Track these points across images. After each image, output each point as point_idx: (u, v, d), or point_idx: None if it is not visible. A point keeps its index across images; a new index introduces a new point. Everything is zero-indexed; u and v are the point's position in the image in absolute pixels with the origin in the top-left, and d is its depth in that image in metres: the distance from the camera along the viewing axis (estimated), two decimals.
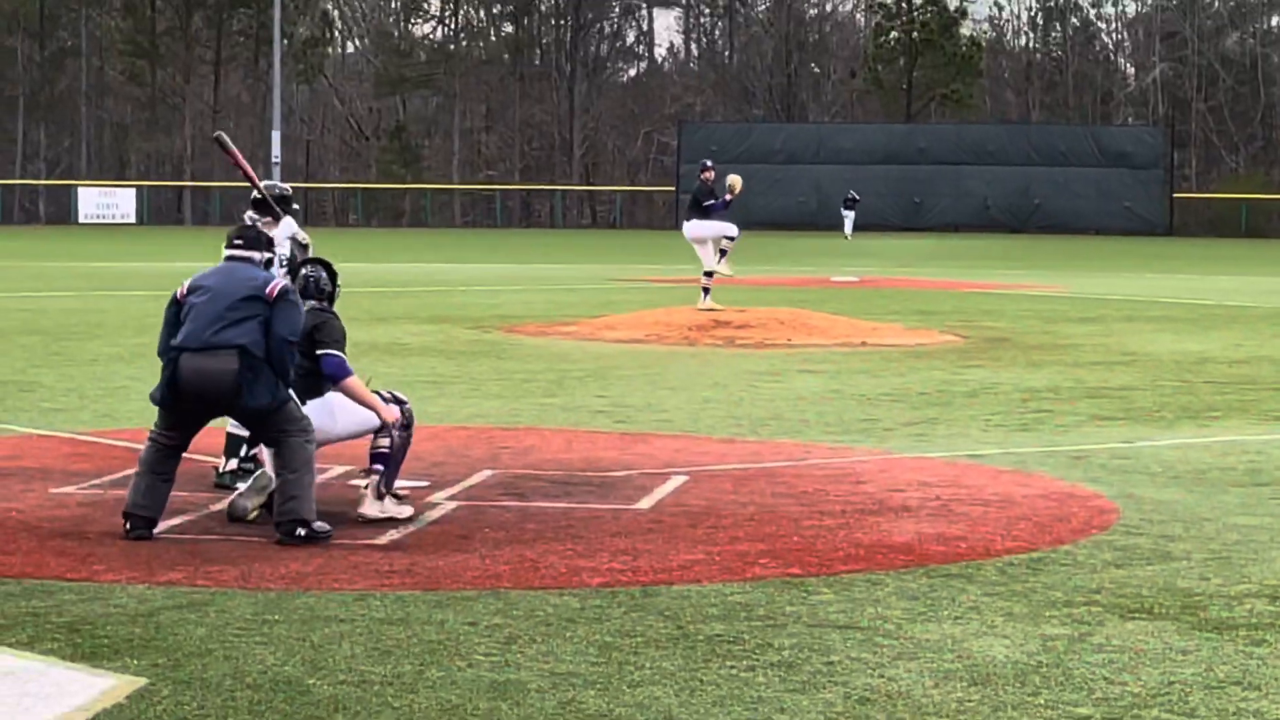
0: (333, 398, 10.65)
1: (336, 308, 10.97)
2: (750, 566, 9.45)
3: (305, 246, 12.11)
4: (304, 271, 10.94)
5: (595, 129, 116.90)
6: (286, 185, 12.76)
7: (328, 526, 10.06)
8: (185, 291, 10.19)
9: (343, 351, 10.63)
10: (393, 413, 10.72)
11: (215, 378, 9.90)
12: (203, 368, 9.90)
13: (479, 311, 29.69)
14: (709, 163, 28.39)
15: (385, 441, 10.73)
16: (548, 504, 11.30)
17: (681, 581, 9.06)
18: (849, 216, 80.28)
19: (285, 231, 12.27)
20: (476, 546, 9.88)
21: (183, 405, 10.06)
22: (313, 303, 10.74)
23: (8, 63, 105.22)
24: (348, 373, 10.56)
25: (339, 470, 12.28)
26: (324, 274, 10.91)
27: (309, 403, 10.46)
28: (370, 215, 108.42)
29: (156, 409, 10.24)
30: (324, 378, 10.58)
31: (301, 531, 9.88)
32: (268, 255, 10.52)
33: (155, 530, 10.07)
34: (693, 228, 27.34)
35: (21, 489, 11.61)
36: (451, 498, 11.46)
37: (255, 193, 12.29)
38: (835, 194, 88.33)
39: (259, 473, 10.63)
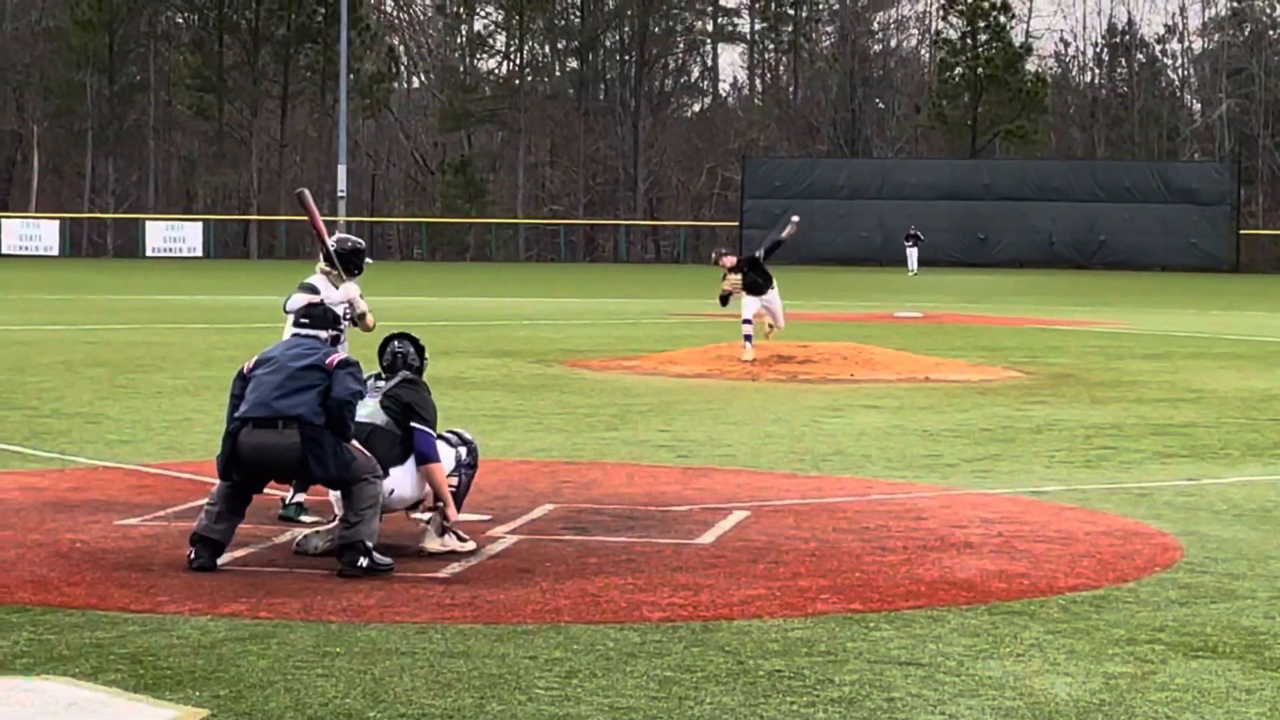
0: (411, 466, 10.72)
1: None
2: (811, 602, 9.43)
3: (357, 315, 12.18)
4: (392, 346, 11.08)
5: (659, 164, 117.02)
6: (360, 240, 12.78)
7: (389, 559, 10.10)
8: (251, 366, 10.41)
9: (435, 429, 10.76)
10: (455, 514, 10.78)
11: (278, 452, 10.09)
12: (264, 443, 10.08)
13: (542, 346, 29.74)
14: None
15: (452, 479, 10.79)
16: (609, 538, 11.30)
17: (742, 617, 9.04)
18: (913, 253, 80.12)
19: (351, 292, 12.32)
20: (537, 580, 9.88)
21: (245, 477, 10.20)
22: (405, 373, 10.91)
23: (77, 98, 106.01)
24: (436, 458, 10.69)
25: None
26: (411, 349, 11.07)
27: (393, 472, 10.57)
28: (435, 249, 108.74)
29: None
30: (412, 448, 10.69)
31: (363, 562, 9.92)
32: (334, 333, 10.72)
33: (219, 561, 10.12)
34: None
35: (86, 520, 11.68)
36: (513, 531, 11.48)
37: (327, 247, 12.30)
38: (899, 229, 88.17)
39: (335, 524, 10.64)
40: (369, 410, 10.67)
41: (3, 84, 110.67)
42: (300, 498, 11.74)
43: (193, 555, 10.08)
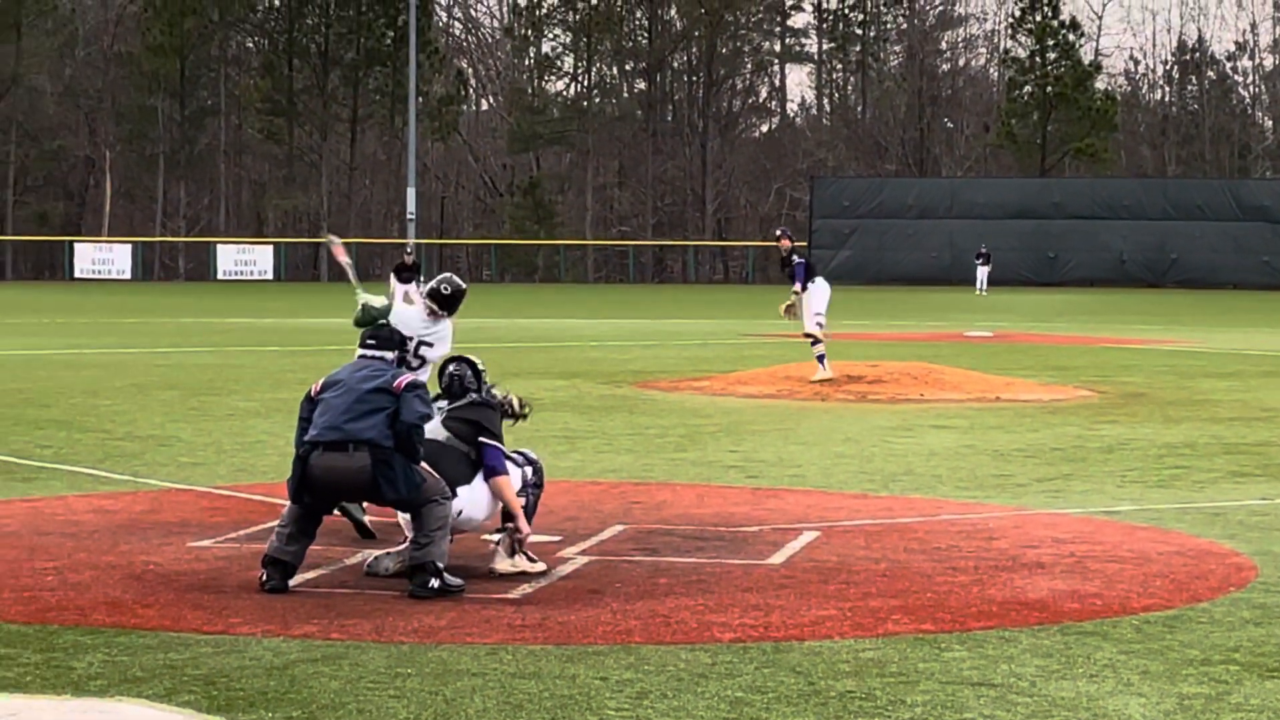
0: (479, 484, 10.75)
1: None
2: (882, 623, 9.40)
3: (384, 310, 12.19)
4: (449, 370, 11.08)
5: (727, 184, 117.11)
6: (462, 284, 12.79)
7: (460, 580, 10.13)
8: (319, 389, 10.48)
9: (502, 443, 10.81)
10: (527, 530, 10.81)
11: (349, 475, 10.14)
12: (334, 466, 10.13)
13: (611, 367, 29.76)
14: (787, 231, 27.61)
15: (520, 499, 10.84)
16: (679, 559, 11.29)
17: (813, 637, 9.02)
18: (983, 272, 79.92)
19: (445, 331, 12.44)
20: (608, 601, 9.88)
21: (315, 500, 10.29)
22: (473, 396, 10.96)
23: (149, 122, 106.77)
24: (505, 471, 10.75)
25: None
26: (468, 371, 11.06)
27: (460, 492, 10.61)
28: (504, 271, 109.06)
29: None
30: (481, 466, 10.74)
31: (434, 583, 9.95)
32: (399, 354, 10.74)
33: (291, 582, 10.16)
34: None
35: (159, 542, 11.74)
36: (583, 552, 11.48)
37: (406, 257, 12.38)
38: (968, 249, 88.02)
39: (405, 547, 10.67)
40: (432, 427, 10.70)
41: (76, 109, 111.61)
42: (368, 519, 11.82)
43: (265, 577, 10.12)
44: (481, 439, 10.77)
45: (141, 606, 9.66)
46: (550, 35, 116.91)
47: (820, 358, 25.33)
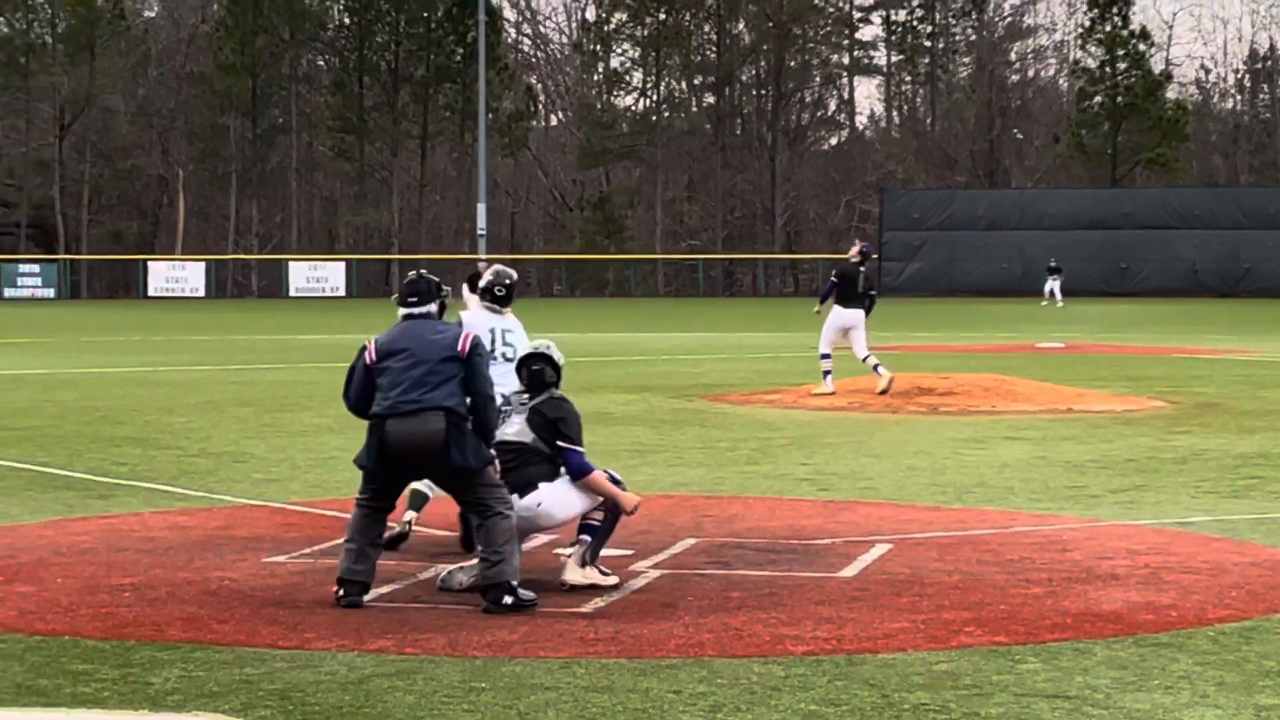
0: (561, 484, 10.79)
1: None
2: (956, 635, 9.38)
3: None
4: (529, 367, 11.07)
5: (797, 197, 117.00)
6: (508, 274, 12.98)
7: (533, 594, 10.16)
8: (375, 357, 10.47)
9: (580, 442, 10.86)
10: (633, 499, 10.89)
11: (424, 439, 10.19)
12: (412, 430, 10.20)
13: (682, 380, 29.77)
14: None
15: (598, 514, 10.86)
16: (751, 572, 11.29)
17: (886, 650, 9.01)
18: (1054, 284, 79.50)
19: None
20: (680, 615, 9.89)
21: (390, 469, 10.37)
22: (552, 391, 10.99)
23: (221, 141, 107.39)
24: (590, 469, 10.79)
25: (542, 539, 12.36)
26: (548, 367, 11.05)
27: (542, 486, 10.66)
28: (574, 286, 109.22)
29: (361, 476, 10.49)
30: (562, 466, 10.79)
31: (508, 600, 9.99)
32: (441, 302, 10.78)
33: (365, 597, 10.21)
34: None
35: (234, 558, 11.82)
36: (655, 566, 11.50)
37: (480, 267, 12.47)
38: (1039, 260, 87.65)
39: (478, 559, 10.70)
40: (516, 429, 10.79)
41: (149, 129, 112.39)
42: (411, 515, 11.88)
43: (341, 594, 10.18)
44: (560, 443, 10.78)
45: (217, 622, 9.72)
46: (619, 50, 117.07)
47: (826, 372, 25.68)
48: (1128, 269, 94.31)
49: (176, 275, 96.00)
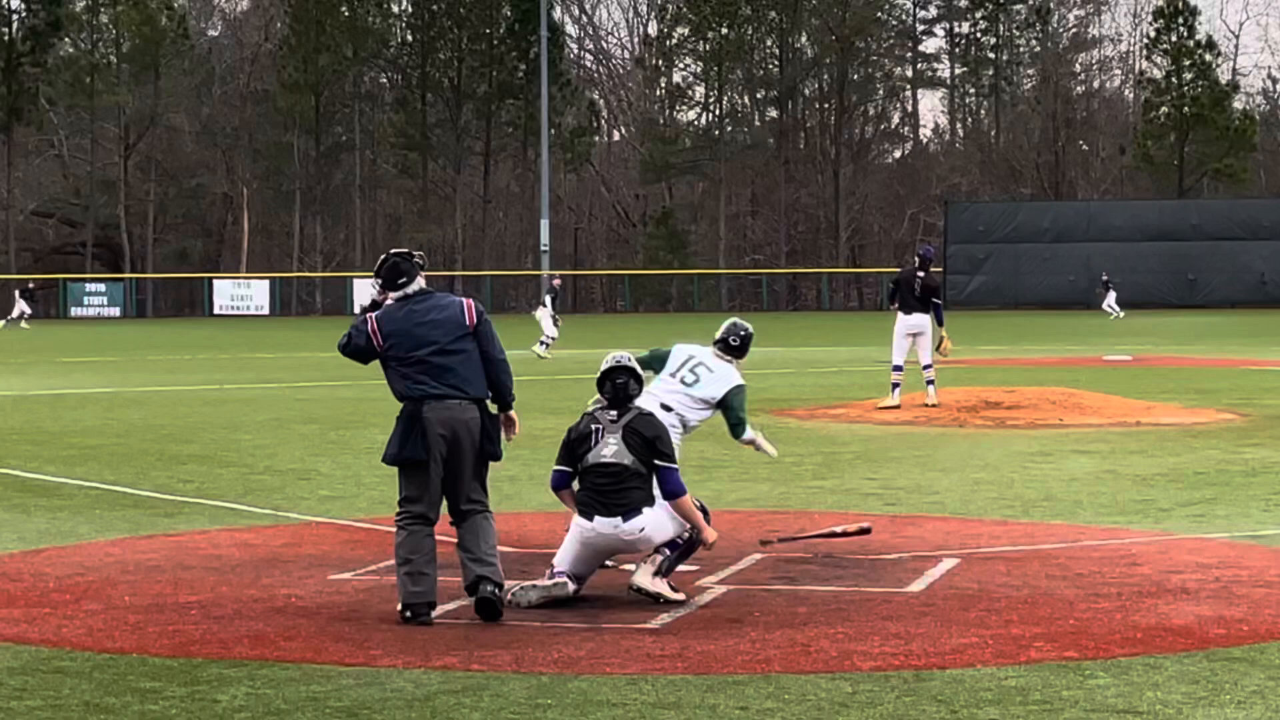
0: (660, 510, 10.79)
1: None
2: (1025, 650, 9.32)
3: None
4: (613, 381, 10.98)
5: (861, 211, 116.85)
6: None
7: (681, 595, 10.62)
8: (383, 343, 10.50)
9: (675, 459, 10.88)
10: (713, 534, 10.93)
11: (464, 425, 10.35)
12: (452, 415, 10.33)
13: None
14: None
15: (684, 534, 10.86)
16: (818, 587, 11.25)
17: (955, 665, 8.95)
18: (1110, 296, 79.07)
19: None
20: (747, 630, 9.85)
21: (431, 456, 10.33)
22: (640, 408, 10.97)
23: (285, 159, 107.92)
24: (684, 491, 10.79)
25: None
26: (631, 380, 11.00)
27: (645, 512, 10.66)
28: (638, 301, 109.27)
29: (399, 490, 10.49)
30: (658, 485, 10.78)
31: (497, 592, 10.19)
32: (421, 269, 10.76)
33: (431, 614, 10.21)
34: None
35: (301, 575, 11.83)
36: (722, 581, 11.46)
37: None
38: (1106, 271, 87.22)
39: (555, 581, 10.69)
40: (614, 450, 10.74)
41: (213, 147, 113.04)
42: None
43: (409, 614, 10.17)
44: (658, 462, 10.75)
45: (284, 639, 9.73)
46: (681, 65, 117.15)
47: (895, 385, 25.69)
48: (1195, 280, 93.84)
49: (241, 293, 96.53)
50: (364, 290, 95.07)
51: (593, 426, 10.84)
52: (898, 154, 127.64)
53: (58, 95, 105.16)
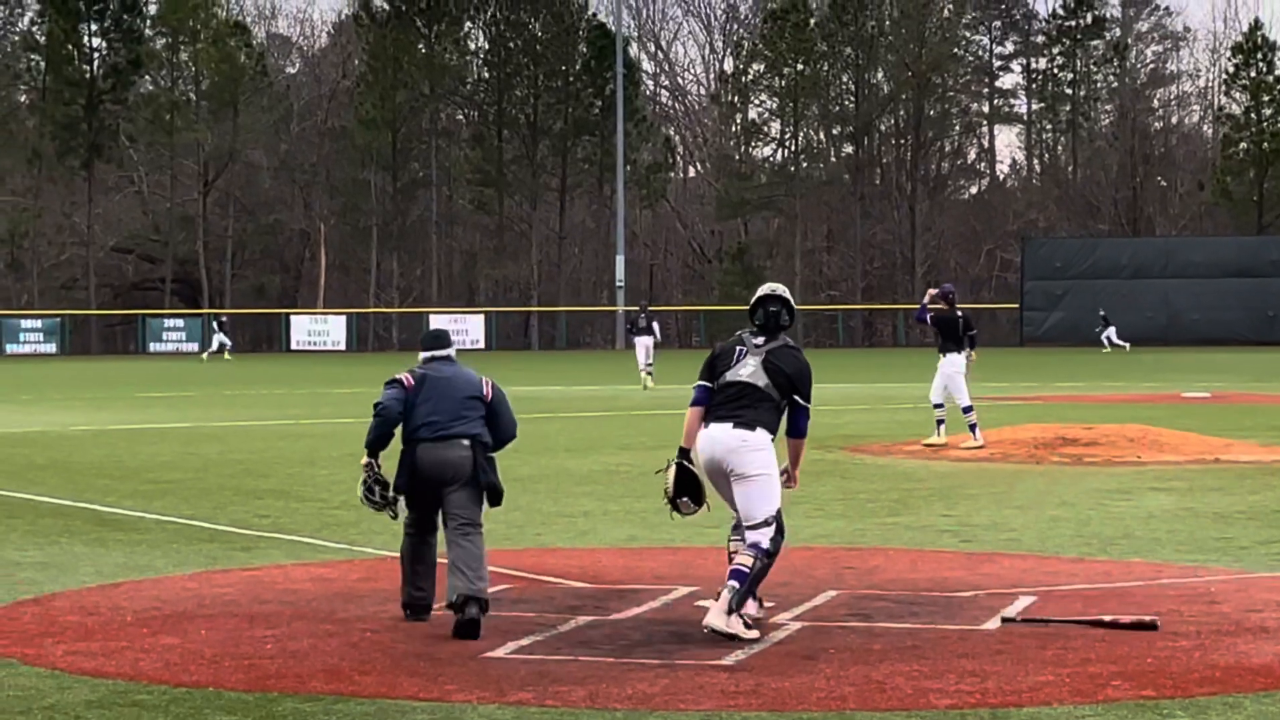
0: (775, 476, 11.00)
1: None
2: (1102, 689, 9.25)
3: None
4: (766, 308, 11.33)
5: (937, 247, 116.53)
6: None
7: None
8: (414, 385, 11.63)
9: (811, 400, 11.27)
10: (796, 484, 11.52)
11: (453, 462, 11.39)
12: (441, 455, 11.40)
13: (822, 431, 29.64)
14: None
15: (748, 560, 10.79)
16: (893, 624, 11.20)
17: (1031, 703, 8.90)
18: (1110, 330, 78.67)
19: None
20: (822, 667, 9.82)
21: (421, 487, 11.46)
22: (786, 339, 11.28)
23: (362, 195, 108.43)
24: (805, 433, 11.24)
25: (684, 591, 12.34)
26: (784, 311, 11.37)
27: (759, 431, 10.89)
28: (713, 337, 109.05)
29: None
30: (789, 420, 11.13)
31: (479, 614, 10.89)
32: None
33: (501, 651, 10.22)
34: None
35: (376, 610, 11.86)
36: (796, 618, 11.43)
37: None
38: (1185, 309, 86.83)
39: (750, 617, 10.84)
40: (750, 370, 11.02)
41: (291, 183, 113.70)
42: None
43: (408, 612, 11.48)
44: (796, 398, 11.05)
45: (359, 674, 9.75)
46: (757, 101, 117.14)
47: (939, 421, 25.85)
48: (1275, 317, 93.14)
49: (318, 328, 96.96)
50: (439, 324, 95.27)
51: (738, 347, 11.22)
52: (974, 189, 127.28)
53: (138, 132, 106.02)
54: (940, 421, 25.87)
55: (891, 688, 9.28)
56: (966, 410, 25.71)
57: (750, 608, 10.88)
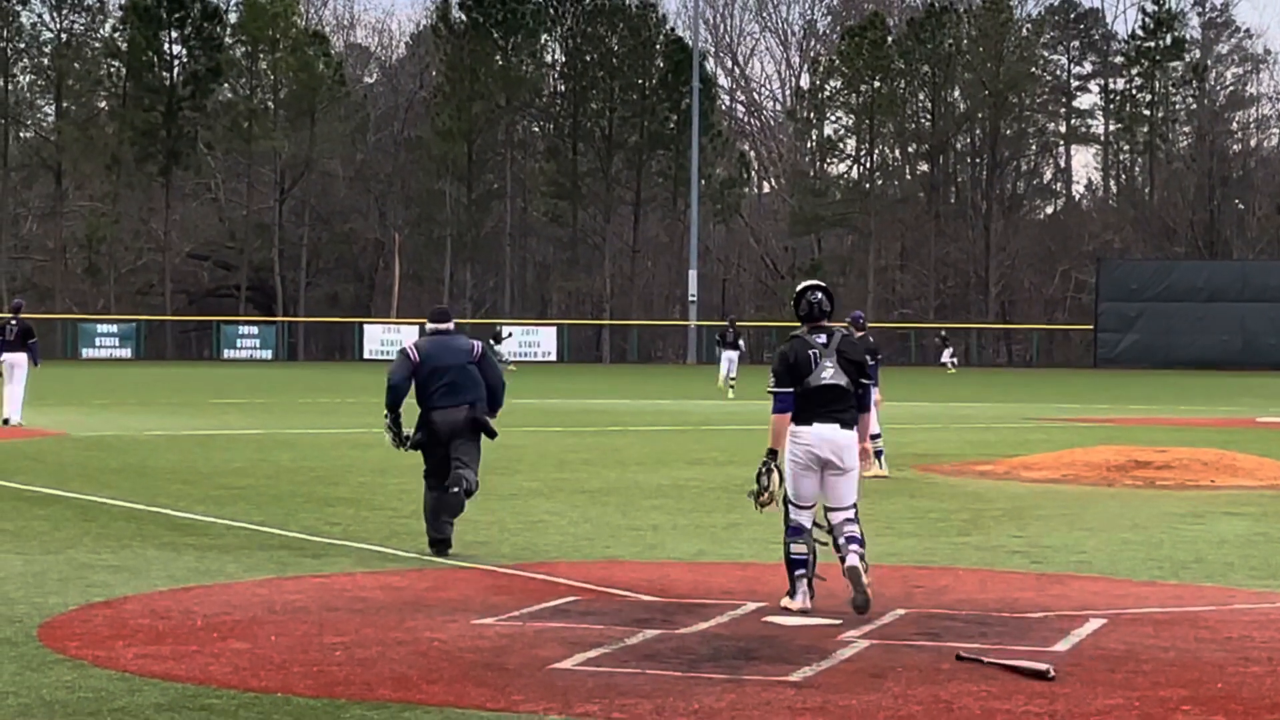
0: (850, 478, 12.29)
1: None
2: (1172, 713, 9.19)
3: None
4: (808, 297, 12.50)
5: (1011, 266, 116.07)
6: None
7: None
8: (419, 359, 15.62)
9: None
10: (870, 458, 13.29)
11: (460, 420, 15.48)
12: (452, 419, 15.45)
13: (893, 450, 29.54)
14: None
15: (803, 547, 12.27)
16: (962, 644, 11.15)
17: None
18: (946, 353, 79.21)
19: None
20: (889, 686, 9.79)
21: (434, 440, 15.48)
22: (843, 331, 12.56)
23: (437, 206, 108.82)
24: (869, 407, 12.68)
25: (751, 606, 12.33)
26: (825, 298, 12.50)
27: (854, 429, 12.33)
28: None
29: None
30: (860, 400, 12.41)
31: (461, 492, 15.21)
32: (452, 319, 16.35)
33: (569, 663, 10.23)
34: None
35: (443, 619, 11.88)
36: (864, 636, 11.40)
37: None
38: (1261, 332, 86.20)
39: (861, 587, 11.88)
40: (831, 372, 12.22)
41: (366, 193, 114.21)
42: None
43: (434, 549, 15.23)
44: (864, 380, 12.36)
45: (426, 683, 9.78)
46: (833, 118, 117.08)
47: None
48: None
49: (392, 338, 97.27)
50: (511, 336, 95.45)
51: (809, 351, 12.27)
52: (1049, 210, 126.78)
53: (216, 140, 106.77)
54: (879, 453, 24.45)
55: (959, 708, 9.24)
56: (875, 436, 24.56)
57: (798, 600, 12.05)
